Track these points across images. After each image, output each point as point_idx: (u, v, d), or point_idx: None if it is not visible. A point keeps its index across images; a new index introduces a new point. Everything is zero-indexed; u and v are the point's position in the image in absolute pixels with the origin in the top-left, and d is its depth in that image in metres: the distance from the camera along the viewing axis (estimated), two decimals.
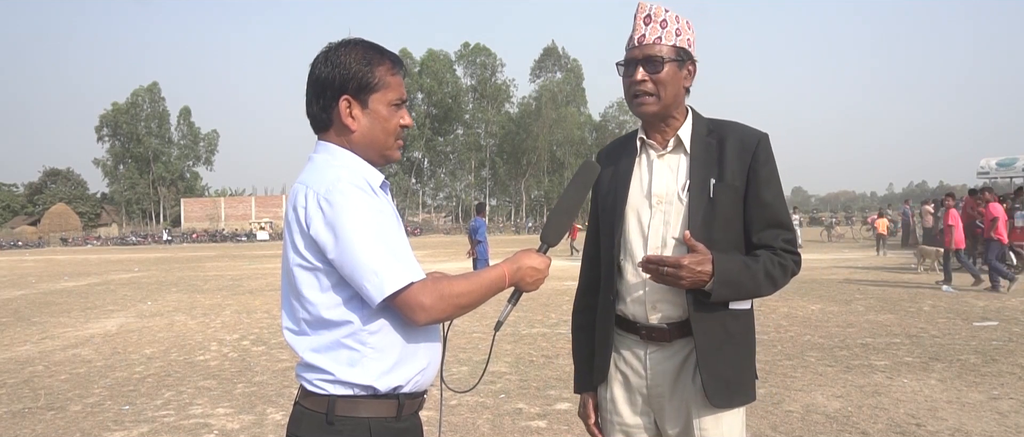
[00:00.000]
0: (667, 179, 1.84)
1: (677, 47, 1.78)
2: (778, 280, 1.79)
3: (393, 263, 1.49)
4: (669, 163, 1.85)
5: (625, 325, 1.88)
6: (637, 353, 1.87)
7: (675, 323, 1.81)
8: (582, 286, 2.05)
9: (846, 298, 10.61)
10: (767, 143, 1.82)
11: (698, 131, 1.85)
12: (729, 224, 1.79)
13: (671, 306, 1.81)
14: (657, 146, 1.87)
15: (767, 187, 1.79)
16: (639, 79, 1.77)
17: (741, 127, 1.85)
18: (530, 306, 10.07)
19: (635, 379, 1.88)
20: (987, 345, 6.75)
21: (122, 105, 74.17)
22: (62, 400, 5.57)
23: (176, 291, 14.65)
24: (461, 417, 4.78)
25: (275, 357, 7.03)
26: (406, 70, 1.76)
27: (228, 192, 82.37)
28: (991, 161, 16.21)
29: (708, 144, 1.82)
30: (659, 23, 1.78)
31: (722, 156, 1.80)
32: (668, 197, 1.82)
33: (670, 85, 1.78)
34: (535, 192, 74.22)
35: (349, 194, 1.50)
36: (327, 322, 1.54)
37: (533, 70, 74.46)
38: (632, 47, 1.81)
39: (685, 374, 1.83)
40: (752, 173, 1.78)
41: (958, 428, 4.31)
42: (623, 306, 1.87)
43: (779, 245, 1.80)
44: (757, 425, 4.43)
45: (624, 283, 1.86)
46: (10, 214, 73.32)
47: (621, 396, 1.91)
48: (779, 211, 1.81)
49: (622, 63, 1.83)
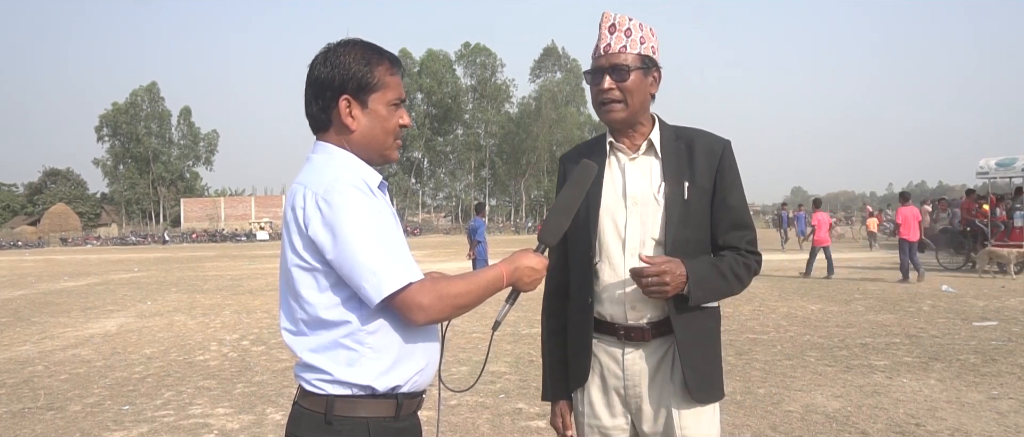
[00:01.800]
0: (641, 181, 1.88)
1: (642, 55, 1.83)
2: (743, 279, 1.87)
3: (391, 263, 1.49)
4: (641, 166, 1.90)
5: (602, 327, 1.89)
6: (614, 354, 1.89)
7: (655, 322, 1.85)
8: (551, 290, 2.03)
9: (846, 298, 10.61)
10: (731, 149, 1.91)
11: (666, 136, 1.91)
12: (700, 225, 1.86)
13: (651, 306, 1.85)
14: (627, 150, 1.90)
15: (732, 191, 1.88)
16: (606, 87, 1.83)
17: (706, 134, 1.93)
18: (530, 306, 10.06)
19: (612, 380, 1.90)
20: (986, 345, 6.75)
21: (122, 105, 74.12)
22: (62, 400, 5.57)
23: (176, 291, 14.65)
24: (461, 417, 4.78)
25: (275, 357, 7.03)
26: (404, 70, 1.76)
27: (228, 192, 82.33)
28: (991, 161, 16.16)
29: (677, 149, 1.89)
30: (623, 32, 1.83)
31: (692, 160, 1.87)
32: (644, 198, 1.86)
33: (637, 92, 1.84)
34: (535, 192, 74.19)
35: (347, 195, 1.50)
36: (325, 322, 1.54)
37: (533, 70, 74.43)
38: (598, 56, 1.85)
39: (663, 372, 1.86)
40: (719, 177, 1.87)
41: (958, 428, 4.31)
42: (600, 308, 1.89)
43: (743, 246, 1.89)
44: (757, 425, 4.43)
45: (601, 285, 1.88)
46: (10, 214, 73.28)
47: (598, 398, 1.92)
48: (743, 213, 1.91)
49: (589, 72, 1.88)
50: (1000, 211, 15.59)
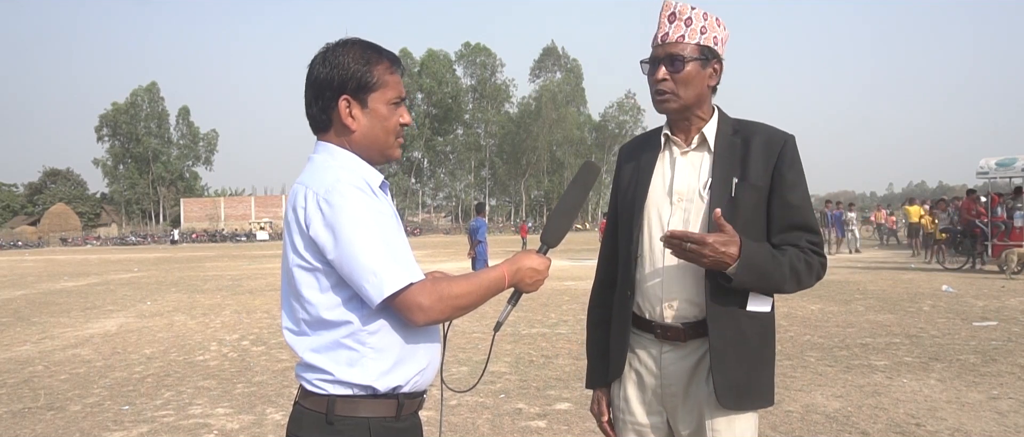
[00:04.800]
0: (689, 176, 1.82)
1: (701, 46, 1.76)
2: (803, 277, 1.76)
3: (392, 264, 1.49)
4: (692, 160, 1.84)
5: (640, 323, 1.87)
6: (651, 352, 1.86)
7: (690, 323, 1.80)
8: (598, 281, 2.04)
9: (846, 298, 10.61)
10: (793, 145, 1.80)
11: (723, 130, 1.83)
12: (749, 224, 1.75)
13: (687, 304, 1.79)
14: (681, 143, 1.86)
15: (793, 190, 1.78)
16: (660, 77, 1.78)
17: (767, 128, 1.84)
18: (530, 306, 10.07)
19: (648, 378, 1.87)
20: (986, 345, 6.75)
21: (122, 105, 74.18)
22: (62, 400, 5.57)
23: (176, 291, 14.65)
24: (461, 417, 4.78)
25: (275, 357, 7.03)
26: (404, 68, 1.76)
27: (228, 192, 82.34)
28: (990, 161, 16.17)
29: (733, 143, 1.81)
30: (683, 21, 1.77)
31: (746, 156, 1.78)
32: (689, 194, 1.81)
33: (692, 84, 1.77)
34: (535, 192, 74.22)
35: (348, 195, 1.50)
36: (327, 322, 1.54)
37: (533, 70, 74.51)
38: (656, 45, 1.80)
39: (699, 375, 1.81)
40: (777, 174, 1.77)
41: (958, 428, 4.31)
42: (639, 303, 1.86)
43: (805, 246, 1.78)
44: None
45: (641, 279, 1.85)
46: (10, 214, 73.30)
47: (634, 395, 1.90)
48: (806, 213, 1.80)
49: (646, 61, 1.83)
50: (1000, 211, 15.60)
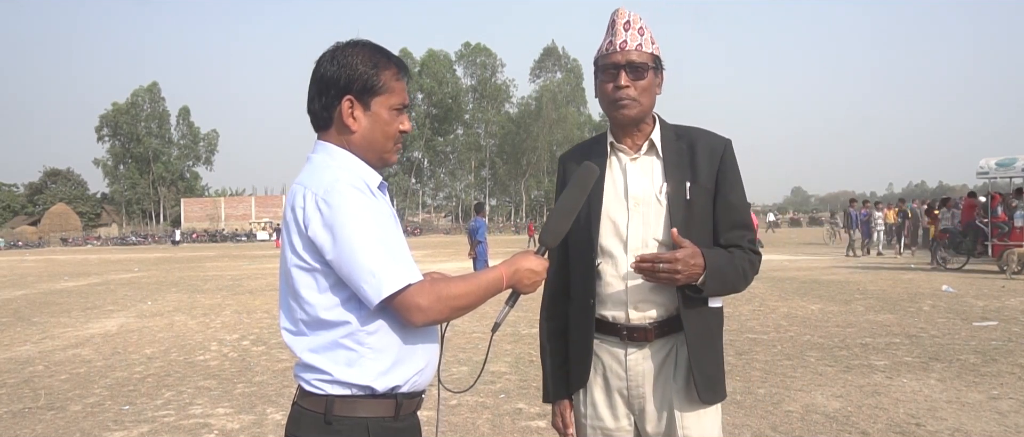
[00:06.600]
0: (643, 182, 1.87)
1: (653, 55, 1.85)
2: (749, 276, 1.87)
3: (391, 264, 1.49)
4: (643, 166, 1.89)
5: (604, 327, 1.88)
6: (616, 354, 1.88)
7: (657, 322, 1.84)
8: (551, 292, 2.02)
9: (846, 298, 10.61)
10: (731, 148, 1.90)
11: (667, 136, 1.91)
12: (703, 225, 1.85)
13: (653, 306, 1.83)
14: (627, 150, 1.90)
15: (734, 190, 1.88)
16: (624, 84, 1.81)
17: (707, 133, 1.93)
18: (530, 307, 10.06)
19: (615, 381, 1.88)
20: (987, 345, 6.75)
21: (122, 105, 74.28)
22: (62, 400, 5.58)
23: (176, 291, 14.65)
24: (461, 417, 4.78)
25: (275, 357, 7.03)
26: (411, 76, 1.76)
27: (228, 192, 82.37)
28: (991, 161, 16.18)
29: (679, 148, 1.89)
30: (637, 30, 1.83)
31: (693, 160, 1.87)
32: (646, 199, 1.85)
33: (649, 91, 1.84)
34: (535, 192, 74.24)
35: (347, 195, 1.50)
36: (325, 322, 1.54)
37: (533, 70, 74.59)
38: (614, 52, 1.83)
39: (665, 372, 1.85)
40: (721, 176, 1.86)
41: (958, 428, 4.31)
42: (602, 309, 1.87)
43: (745, 244, 1.88)
44: (757, 425, 4.43)
45: (603, 286, 1.87)
46: (10, 214, 73.33)
47: (602, 399, 1.91)
48: (744, 213, 1.90)
49: (601, 68, 1.86)
50: (1000, 210, 15.60)
